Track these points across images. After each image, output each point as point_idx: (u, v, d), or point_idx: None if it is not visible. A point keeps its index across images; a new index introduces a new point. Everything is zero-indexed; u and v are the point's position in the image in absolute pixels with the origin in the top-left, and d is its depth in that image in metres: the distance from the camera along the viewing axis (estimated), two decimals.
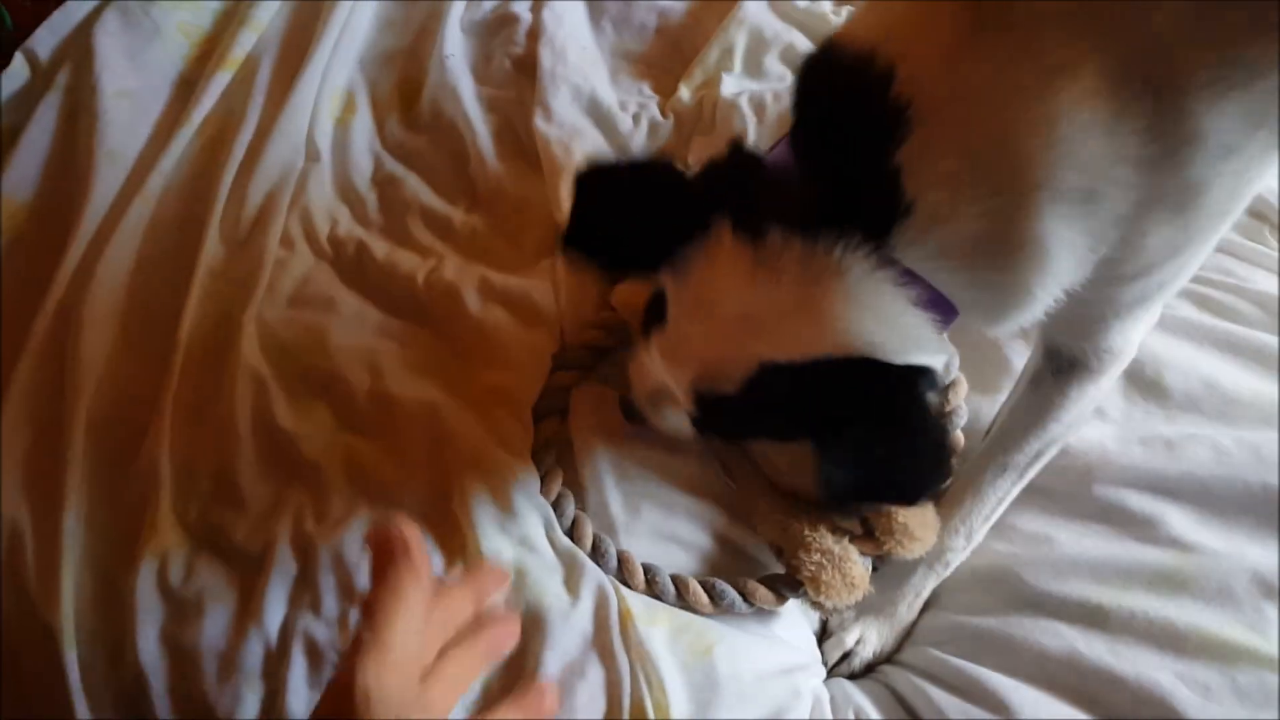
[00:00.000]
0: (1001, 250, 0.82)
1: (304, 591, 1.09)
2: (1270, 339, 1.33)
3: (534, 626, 1.05)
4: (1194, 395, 1.29)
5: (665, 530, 1.18)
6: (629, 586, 1.12)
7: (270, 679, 1.05)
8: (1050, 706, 1.08)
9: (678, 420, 1.05)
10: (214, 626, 1.07)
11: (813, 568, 1.10)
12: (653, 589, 1.12)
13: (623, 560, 1.13)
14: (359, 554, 1.10)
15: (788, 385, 0.88)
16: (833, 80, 0.86)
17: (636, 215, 0.95)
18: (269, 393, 1.22)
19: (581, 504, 1.19)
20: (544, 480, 1.18)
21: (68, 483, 1.15)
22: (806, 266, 0.83)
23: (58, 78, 1.51)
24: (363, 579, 1.09)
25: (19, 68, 1.54)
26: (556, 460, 1.21)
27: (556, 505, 1.17)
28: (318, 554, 1.10)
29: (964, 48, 0.77)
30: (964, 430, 1.28)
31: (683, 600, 1.12)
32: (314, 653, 1.06)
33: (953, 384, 1.28)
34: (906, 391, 0.90)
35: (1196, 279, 1.38)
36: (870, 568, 1.17)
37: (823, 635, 1.23)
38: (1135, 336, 1.05)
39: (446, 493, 1.14)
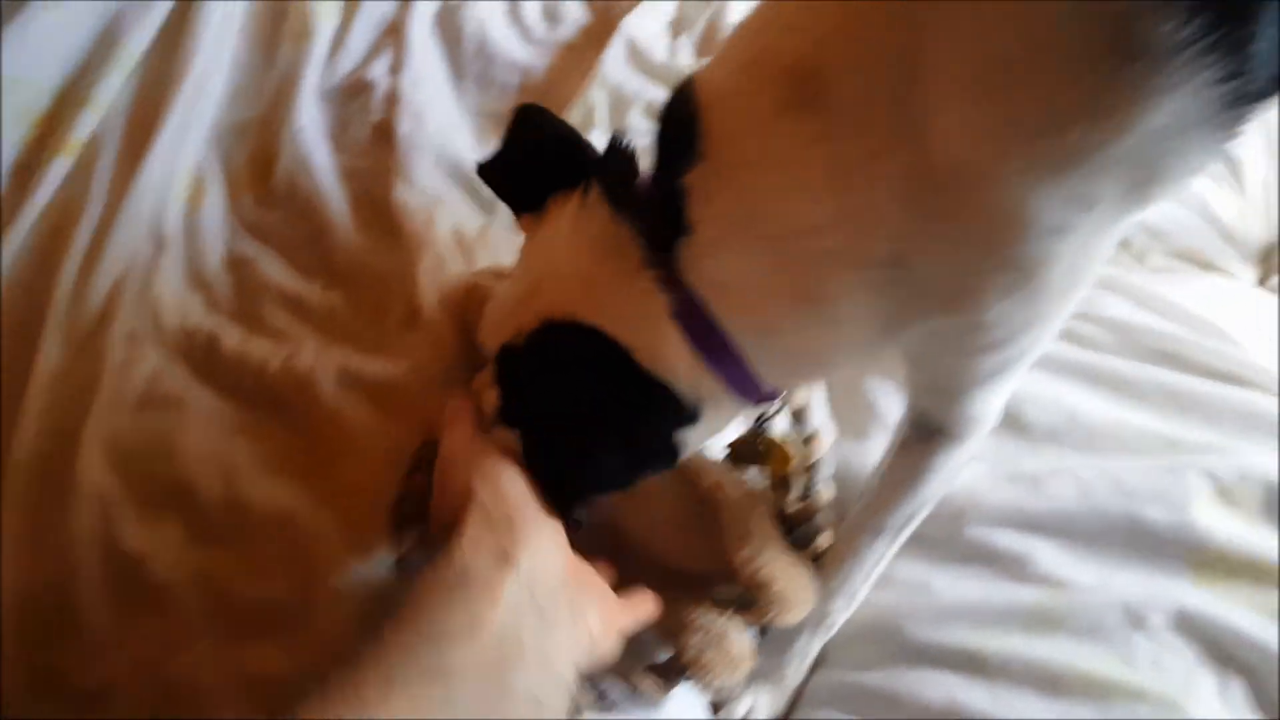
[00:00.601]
0: (784, 304, 0.76)
1: None
2: (1127, 365, 1.22)
3: None
4: (1055, 428, 1.20)
5: None
6: None
7: None
8: None
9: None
10: None
11: (694, 650, 0.97)
12: None
13: None
14: (221, 683, 0.91)
15: (559, 346, 0.82)
16: (668, 111, 0.79)
17: (541, 168, 0.90)
18: (114, 511, 1.00)
19: None
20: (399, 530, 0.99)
21: None
22: (602, 242, 0.79)
23: None
24: (222, 709, 0.90)
25: None
26: (419, 565, 1.01)
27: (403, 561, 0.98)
28: (170, 688, 0.90)
29: (768, 122, 0.70)
30: (835, 478, 1.16)
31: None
32: None
33: (816, 434, 1.14)
34: (637, 391, 0.80)
35: None
36: (755, 638, 1.04)
37: (716, 707, 1.09)
38: (998, 403, 0.95)
39: (307, 603, 0.95)
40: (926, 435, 0.98)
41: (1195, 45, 0.59)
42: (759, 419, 1.14)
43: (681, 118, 0.75)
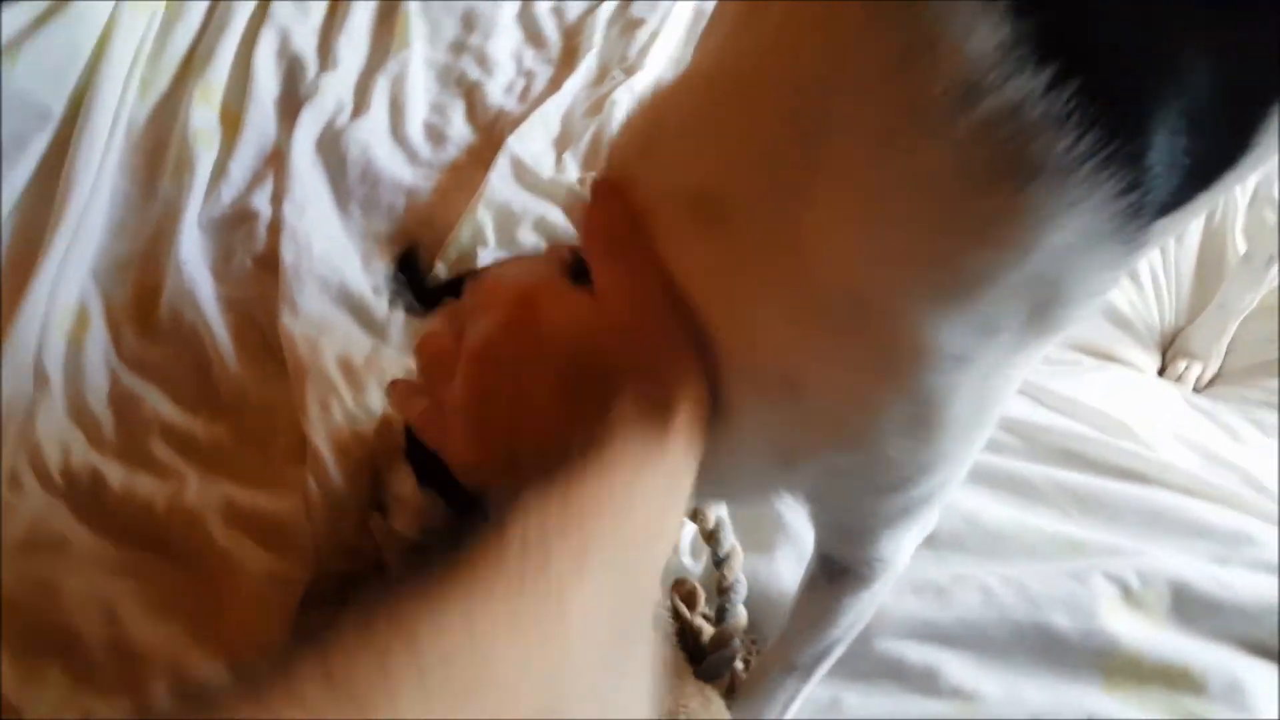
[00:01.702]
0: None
1: None
2: (1028, 467, 1.40)
3: None
4: (958, 534, 1.34)
5: None
6: None
7: None
8: None
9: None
10: None
11: None
12: None
13: None
14: None
15: None
16: None
17: None
18: None
19: None
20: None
21: None
22: None
23: None
24: None
25: None
26: None
27: None
28: None
29: (680, 236, 0.78)
30: (749, 587, 1.29)
31: None
32: None
33: (729, 556, 1.29)
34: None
35: None
36: None
37: None
38: (907, 545, 1.03)
39: None
40: (833, 575, 1.06)
41: (1090, 161, 0.66)
42: None
43: None
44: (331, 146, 1.79)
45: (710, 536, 1.31)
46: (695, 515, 1.31)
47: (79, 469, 1.34)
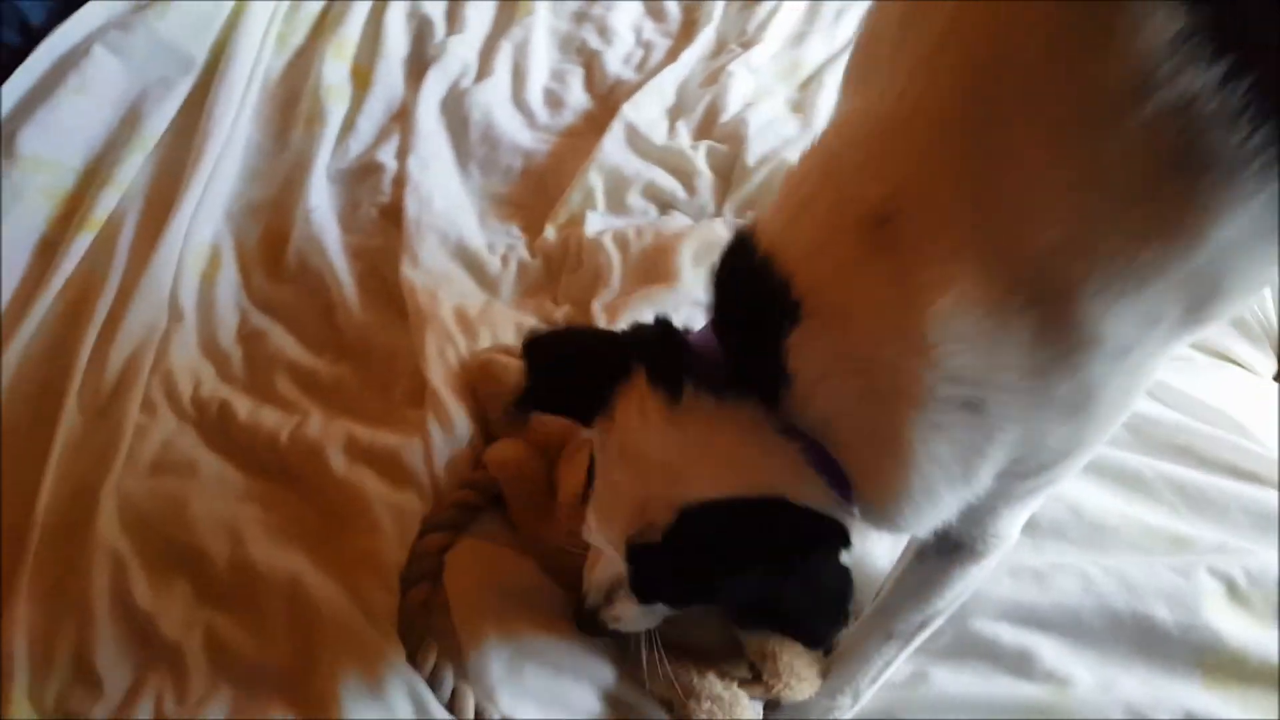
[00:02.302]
0: (871, 448, 0.88)
1: None
2: (1137, 459, 1.40)
3: None
4: (1061, 523, 1.35)
5: (551, 692, 1.20)
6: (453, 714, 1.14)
7: None
8: None
9: (633, 614, 1.11)
10: None
11: (704, 716, 1.13)
12: None
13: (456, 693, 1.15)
14: None
15: (708, 526, 0.95)
16: (741, 278, 0.95)
17: (578, 374, 1.05)
18: (127, 569, 1.24)
19: (461, 670, 1.19)
20: (419, 652, 1.19)
21: None
22: (713, 417, 0.93)
23: None
24: None
25: None
26: (429, 628, 1.22)
27: (434, 677, 1.17)
28: None
29: (855, 266, 0.84)
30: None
31: None
32: None
33: None
34: (811, 532, 0.95)
35: None
36: (760, 712, 1.20)
37: None
38: (1020, 522, 1.09)
39: (310, 667, 1.15)
40: (945, 549, 1.11)
41: (1262, 156, 0.69)
42: None
43: (770, 286, 0.88)
44: (455, 107, 1.86)
45: None
46: None
47: (208, 399, 1.43)
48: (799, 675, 1.16)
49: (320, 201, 1.67)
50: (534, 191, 1.78)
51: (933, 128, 0.79)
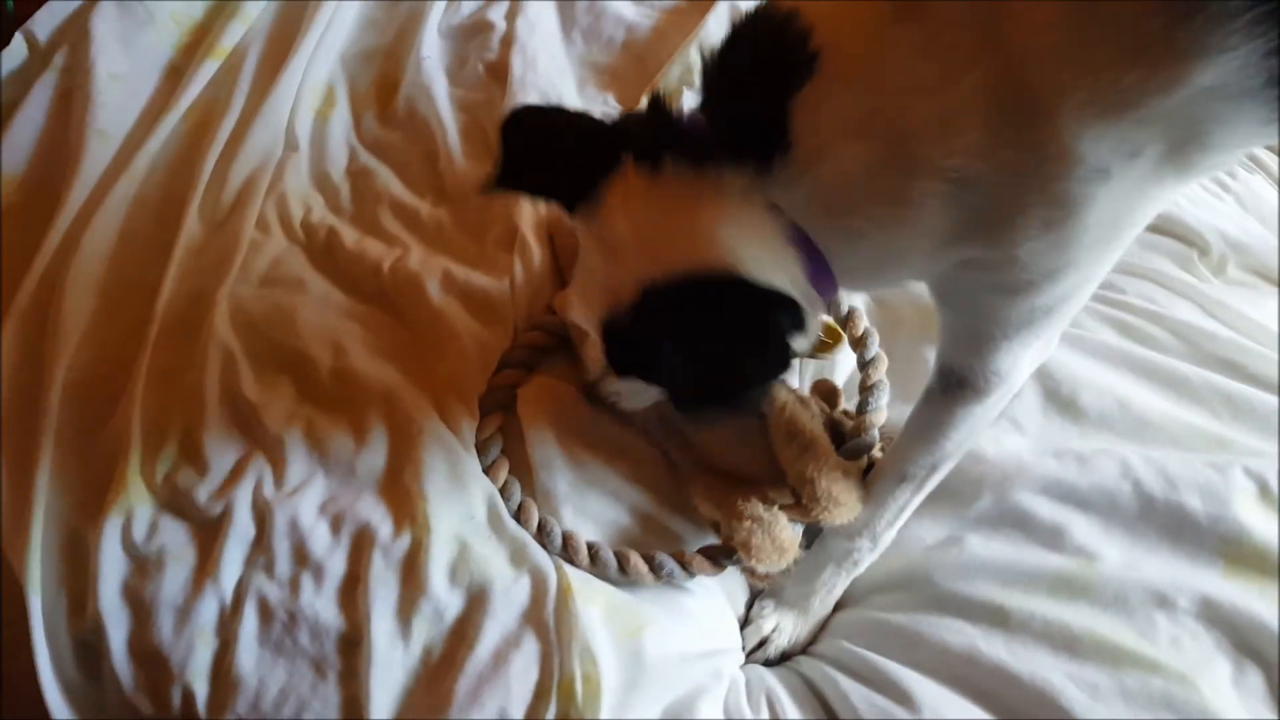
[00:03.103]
0: (876, 205, 0.93)
1: (259, 553, 1.21)
2: (1186, 366, 1.46)
3: (477, 599, 1.17)
4: (1107, 414, 1.40)
5: (609, 513, 1.31)
6: (574, 564, 1.23)
7: (223, 634, 1.17)
8: (949, 699, 1.19)
9: (623, 389, 1.20)
10: (172, 582, 1.19)
11: (744, 533, 1.22)
12: (596, 565, 1.24)
13: (567, 539, 1.25)
14: (314, 520, 1.23)
15: (665, 302, 0.97)
16: (755, 28, 0.96)
17: (559, 156, 1.06)
18: (237, 365, 1.35)
19: (530, 488, 1.30)
20: (491, 467, 1.30)
21: (42, 440, 1.27)
22: (690, 189, 0.96)
23: (54, 59, 1.64)
24: (316, 544, 1.21)
25: (18, 48, 1.67)
26: (502, 451, 1.34)
27: (504, 490, 1.28)
28: (274, 518, 1.22)
29: (879, 31, 0.87)
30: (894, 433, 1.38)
31: (624, 573, 1.24)
32: (266, 611, 1.17)
33: (874, 359, 1.41)
34: (761, 305, 0.98)
35: (1117, 304, 1.52)
36: (799, 535, 1.28)
37: (744, 624, 1.34)
38: (1024, 365, 1.12)
39: (400, 467, 1.26)
40: (950, 387, 1.16)
41: (1248, 13, 0.73)
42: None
43: (786, 39, 0.90)
44: None
45: (859, 341, 1.43)
46: (846, 322, 1.43)
47: (317, 225, 1.54)
48: (837, 500, 1.23)
49: (431, 52, 1.75)
50: (633, 64, 1.84)
51: None
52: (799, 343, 1.03)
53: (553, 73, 1.75)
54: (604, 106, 1.77)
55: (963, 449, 1.23)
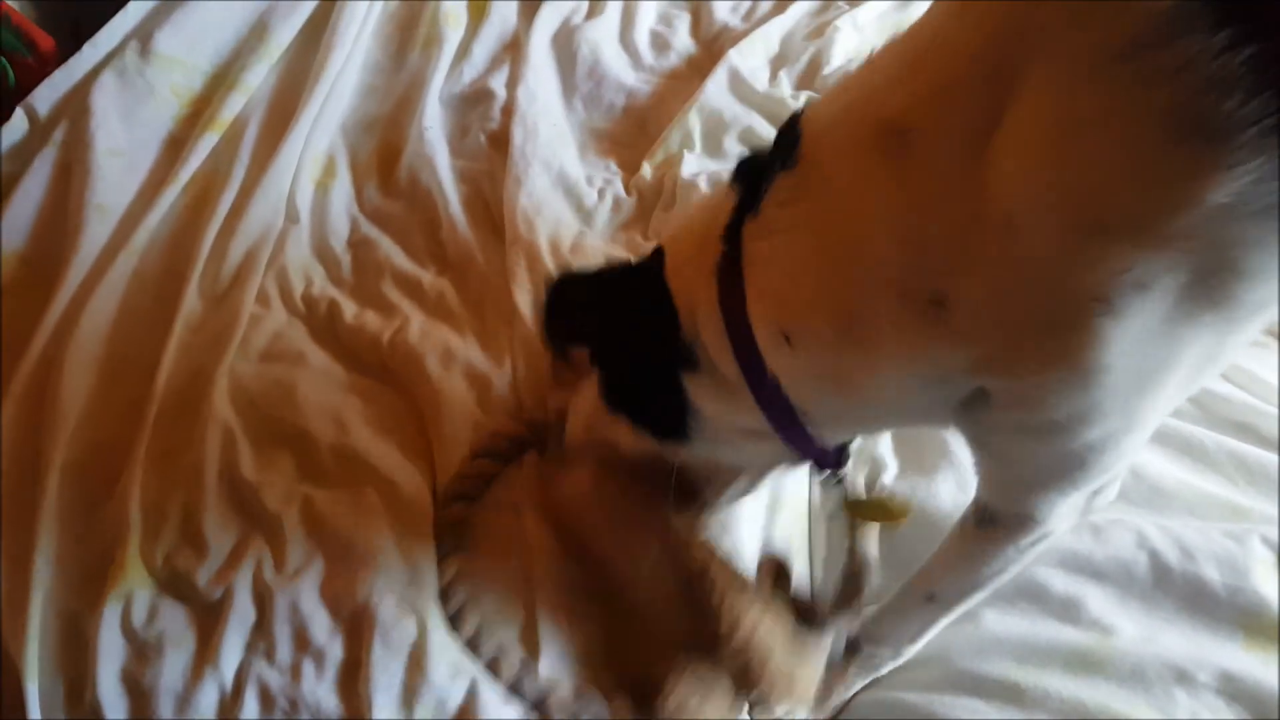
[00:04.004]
0: (820, 314, 0.95)
1: (260, 639, 1.20)
2: (1200, 431, 1.45)
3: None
4: (1122, 484, 1.39)
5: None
6: (496, 677, 1.21)
7: None
8: None
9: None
10: (172, 668, 1.18)
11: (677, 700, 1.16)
12: (517, 689, 1.20)
13: (494, 660, 1.22)
14: (314, 605, 1.22)
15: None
16: (783, 126, 1.02)
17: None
18: (236, 443, 1.35)
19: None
20: (441, 562, 1.28)
21: (40, 522, 1.26)
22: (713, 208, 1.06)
23: (54, 134, 1.65)
24: (317, 631, 1.20)
25: (19, 122, 1.68)
26: (456, 545, 1.30)
27: (446, 590, 1.26)
28: (274, 603, 1.21)
29: (861, 153, 0.89)
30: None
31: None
32: (266, 698, 1.16)
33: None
34: (647, 296, 1.08)
35: None
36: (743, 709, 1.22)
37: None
38: (1064, 511, 1.05)
39: (400, 547, 1.27)
40: (983, 522, 1.12)
41: (1255, 126, 0.68)
42: (835, 479, 1.31)
43: (788, 135, 0.97)
44: (565, 42, 1.95)
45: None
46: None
47: (318, 298, 1.55)
48: (787, 683, 1.18)
49: (433, 122, 1.77)
50: (634, 130, 1.86)
51: (956, 62, 0.84)
52: (708, 408, 1.09)
53: (554, 140, 1.77)
54: (605, 172, 1.79)
55: (995, 583, 1.17)
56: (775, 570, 1.29)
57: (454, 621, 1.24)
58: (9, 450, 1.34)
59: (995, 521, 1.09)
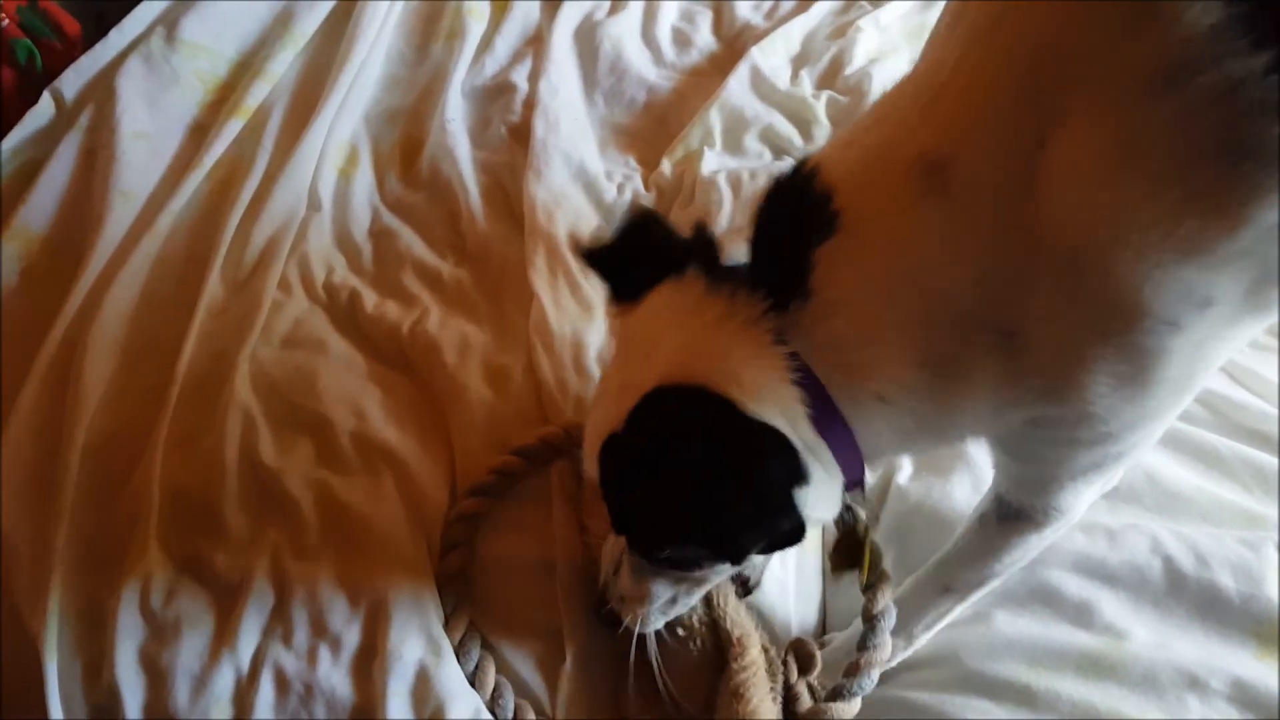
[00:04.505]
0: (903, 365, 0.92)
1: (277, 623, 1.21)
2: (1216, 439, 1.46)
3: None
4: (1137, 488, 1.41)
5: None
6: None
7: (239, 704, 1.17)
8: None
9: (630, 584, 1.12)
10: (190, 649, 1.19)
11: None
12: None
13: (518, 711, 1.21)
14: (332, 591, 1.23)
15: (660, 416, 0.95)
16: (786, 186, 0.98)
17: (634, 251, 1.07)
18: (256, 428, 1.36)
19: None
20: (450, 619, 1.25)
21: (61, 503, 1.28)
22: (708, 303, 0.96)
23: (80, 118, 1.67)
24: (334, 617, 1.21)
25: (45, 106, 1.70)
26: (464, 594, 1.28)
27: (461, 647, 1.23)
28: (293, 589, 1.23)
29: (905, 202, 0.88)
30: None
31: None
32: (282, 682, 1.18)
33: (881, 580, 1.28)
34: (750, 438, 0.93)
35: None
36: None
37: None
38: (1086, 499, 1.09)
39: (414, 535, 1.29)
40: (1005, 516, 1.14)
41: None
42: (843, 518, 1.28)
43: (810, 197, 0.92)
44: (587, 37, 1.96)
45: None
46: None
47: (339, 286, 1.56)
48: None
49: (455, 114, 1.79)
50: (654, 126, 1.88)
51: (987, 91, 0.84)
52: (814, 507, 0.98)
53: (575, 135, 1.79)
54: (625, 168, 1.80)
55: (1012, 570, 1.20)
56: (804, 657, 1.28)
57: (472, 682, 1.21)
58: (32, 431, 1.35)
59: (1019, 516, 1.12)
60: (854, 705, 1.23)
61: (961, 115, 0.85)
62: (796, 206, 0.94)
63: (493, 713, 1.19)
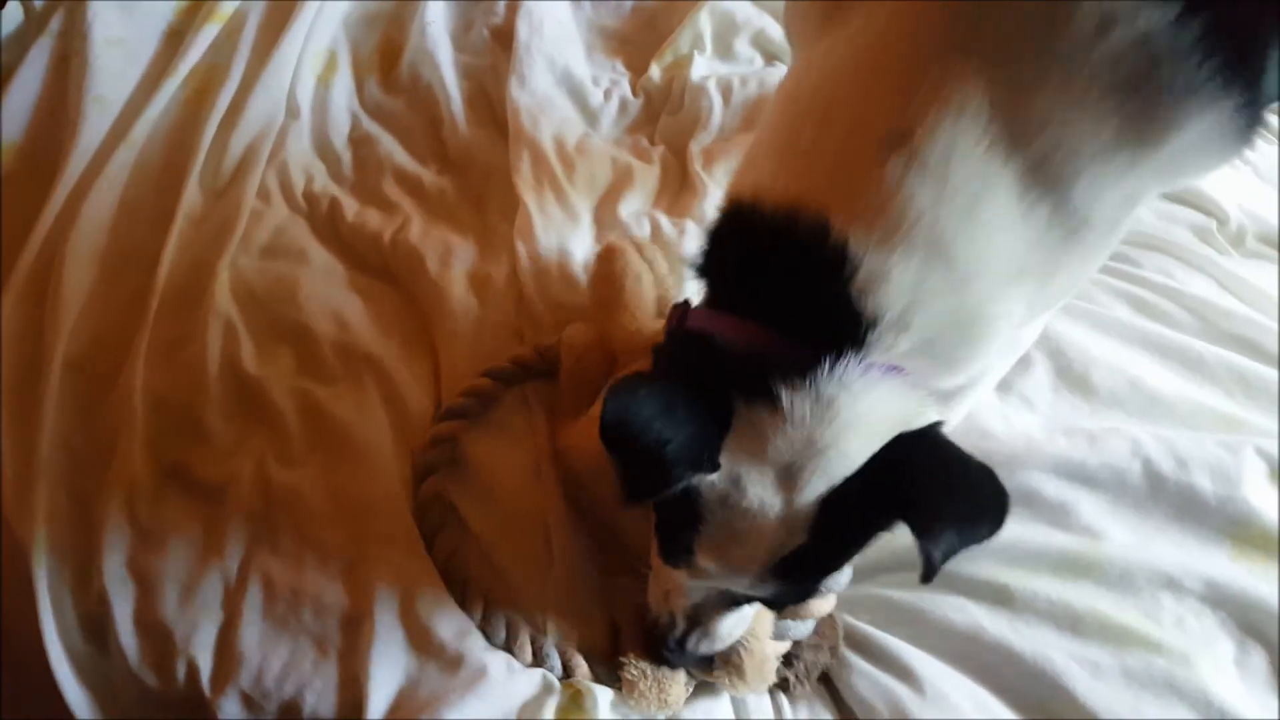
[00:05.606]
0: (964, 332, 0.98)
1: (264, 529, 1.22)
2: (1200, 344, 1.46)
3: None
4: (1119, 392, 1.42)
5: None
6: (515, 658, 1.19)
7: (228, 609, 1.18)
8: (951, 677, 1.20)
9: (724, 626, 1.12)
10: (177, 557, 1.21)
11: (634, 673, 1.16)
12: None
13: (566, 661, 1.20)
14: (318, 497, 1.24)
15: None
16: (760, 242, 0.98)
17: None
18: (238, 337, 1.37)
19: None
20: (467, 601, 1.22)
21: (44, 414, 1.28)
22: (820, 400, 0.93)
23: (50, 23, 1.64)
24: (320, 523, 1.23)
25: (12, 10, 1.67)
26: (441, 520, 1.27)
27: (487, 622, 1.21)
28: (278, 495, 1.24)
29: (892, 193, 0.91)
30: None
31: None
32: (270, 588, 1.19)
33: None
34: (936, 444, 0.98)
35: (1132, 279, 1.54)
36: (691, 687, 1.21)
37: None
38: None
39: (397, 442, 1.29)
40: None
41: (1214, 82, 0.88)
42: None
43: (798, 237, 0.93)
44: None
45: None
46: None
47: (319, 194, 1.55)
48: (744, 676, 1.17)
49: (435, 17, 1.76)
50: (643, 29, 1.84)
51: (947, 57, 0.92)
52: None
53: (560, 38, 1.76)
54: (612, 73, 1.77)
55: None
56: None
57: (509, 650, 1.20)
58: (11, 341, 1.36)
59: None
60: (829, 601, 1.24)
61: (913, 86, 0.92)
62: (794, 257, 0.94)
63: (487, 636, 1.19)
